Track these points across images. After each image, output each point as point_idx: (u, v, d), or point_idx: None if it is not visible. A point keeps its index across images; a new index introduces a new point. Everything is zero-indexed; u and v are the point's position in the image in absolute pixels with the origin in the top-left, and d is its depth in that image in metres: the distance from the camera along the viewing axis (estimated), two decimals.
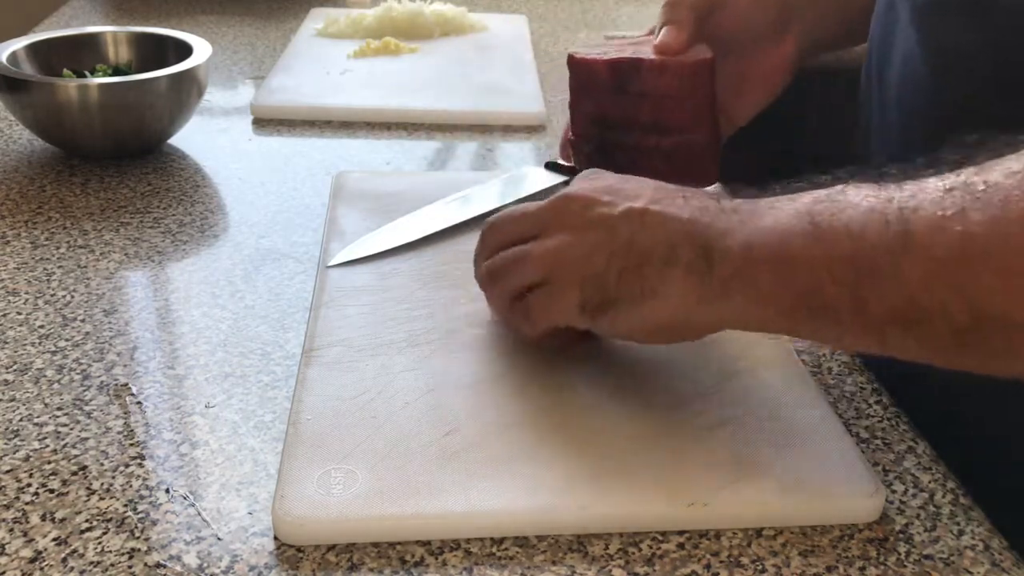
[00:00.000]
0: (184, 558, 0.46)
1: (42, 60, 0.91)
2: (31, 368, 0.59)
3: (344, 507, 0.47)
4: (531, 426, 0.53)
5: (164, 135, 0.90)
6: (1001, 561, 0.48)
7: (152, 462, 0.52)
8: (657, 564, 0.47)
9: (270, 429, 0.55)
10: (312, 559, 0.46)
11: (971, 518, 0.50)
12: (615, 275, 0.51)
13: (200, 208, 0.80)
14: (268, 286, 0.69)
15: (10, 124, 0.95)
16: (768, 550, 0.48)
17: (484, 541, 0.47)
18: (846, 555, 0.48)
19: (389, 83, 1.08)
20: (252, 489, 0.50)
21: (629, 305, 0.51)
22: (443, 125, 1.00)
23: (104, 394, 0.57)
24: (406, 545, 0.47)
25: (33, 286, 0.68)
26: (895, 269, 0.43)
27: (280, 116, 1.00)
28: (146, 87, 0.85)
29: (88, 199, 0.81)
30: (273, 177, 0.86)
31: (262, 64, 1.16)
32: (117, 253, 0.72)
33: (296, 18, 1.35)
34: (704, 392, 0.57)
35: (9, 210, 0.78)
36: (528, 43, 1.27)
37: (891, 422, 0.57)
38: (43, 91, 0.83)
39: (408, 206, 0.77)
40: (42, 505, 0.49)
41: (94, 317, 0.64)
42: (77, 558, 0.46)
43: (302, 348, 0.60)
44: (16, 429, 0.54)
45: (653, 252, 0.50)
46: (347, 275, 0.68)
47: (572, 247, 0.53)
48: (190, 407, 0.56)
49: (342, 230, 0.74)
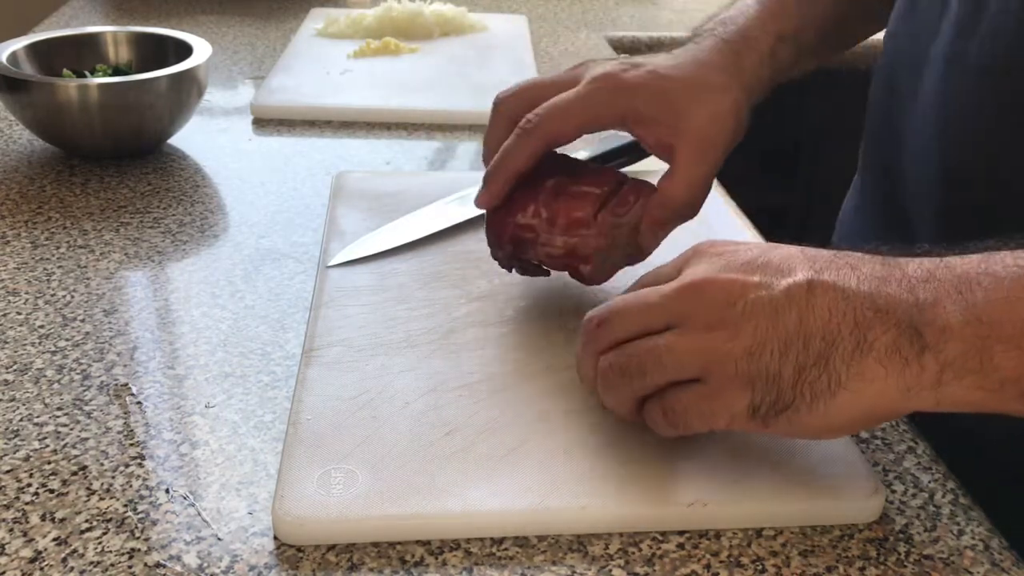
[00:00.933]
0: (184, 558, 0.46)
1: (42, 60, 0.91)
2: (31, 368, 0.59)
3: (344, 507, 0.47)
4: (531, 426, 0.53)
5: (164, 135, 0.90)
6: (1001, 561, 0.48)
7: (152, 462, 0.52)
8: (657, 564, 0.47)
9: (270, 429, 0.55)
10: (312, 559, 0.46)
11: (971, 518, 0.50)
12: (792, 372, 0.44)
13: (200, 208, 0.80)
14: (268, 286, 0.69)
15: (10, 124, 0.95)
16: (768, 550, 0.48)
17: (484, 541, 0.47)
18: (846, 555, 0.48)
19: (389, 83, 1.08)
20: (252, 489, 0.50)
21: (812, 404, 0.44)
22: (443, 125, 1.00)
23: (104, 394, 0.57)
24: (406, 545, 0.47)
25: (33, 286, 0.68)
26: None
27: (280, 116, 1.00)
28: (146, 87, 0.85)
29: (88, 199, 0.81)
30: (273, 177, 0.86)
31: (262, 64, 1.16)
32: (117, 253, 0.73)
33: (296, 18, 1.35)
34: None
35: (9, 210, 0.78)
36: (528, 43, 1.27)
37: (891, 422, 0.57)
38: (43, 91, 0.83)
39: (408, 206, 0.77)
40: (42, 505, 0.49)
41: (94, 317, 0.64)
42: (77, 558, 0.46)
43: (302, 348, 0.60)
44: (16, 429, 0.54)
45: (836, 340, 0.43)
46: (347, 275, 0.68)
47: (729, 341, 0.45)
48: (190, 407, 0.56)
49: (342, 230, 0.74)
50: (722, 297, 0.45)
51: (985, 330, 0.41)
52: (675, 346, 0.46)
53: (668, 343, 0.46)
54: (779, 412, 0.44)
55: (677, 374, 0.46)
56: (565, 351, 0.60)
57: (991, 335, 0.41)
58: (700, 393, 0.46)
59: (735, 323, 0.45)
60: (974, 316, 0.41)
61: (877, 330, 0.43)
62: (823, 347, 0.43)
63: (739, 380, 0.45)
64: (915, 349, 0.42)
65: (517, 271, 0.65)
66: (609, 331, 0.49)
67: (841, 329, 0.43)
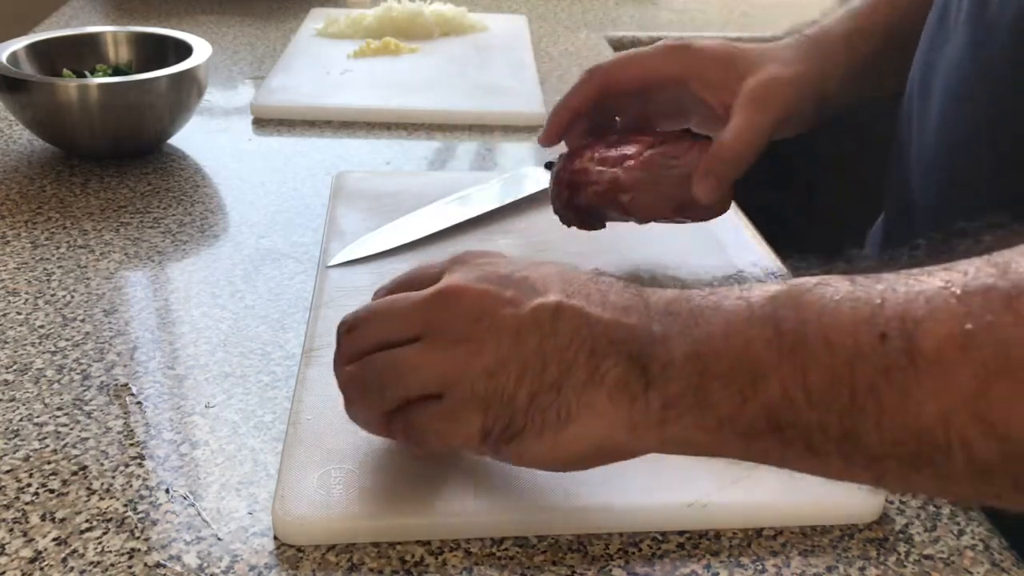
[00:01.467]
0: (184, 558, 0.46)
1: (42, 60, 0.91)
2: (31, 368, 0.59)
3: (344, 507, 0.47)
4: None
5: (164, 135, 0.90)
6: (1001, 561, 0.48)
7: (152, 462, 0.52)
8: (657, 564, 0.47)
9: (270, 429, 0.55)
10: (312, 559, 0.46)
11: (971, 518, 0.50)
12: (526, 397, 0.42)
13: (200, 208, 0.80)
14: (268, 286, 0.69)
15: (10, 124, 0.95)
16: (768, 550, 0.48)
17: (484, 541, 0.47)
18: (846, 555, 0.48)
19: (389, 83, 1.08)
20: (252, 489, 0.50)
21: (541, 434, 0.41)
22: (443, 125, 1.00)
23: (104, 394, 0.57)
24: (406, 545, 0.47)
25: (33, 286, 0.68)
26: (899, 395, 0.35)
27: (280, 116, 1.00)
28: (146, 87, 0.85)
29: (88, 199, 0.81)
30: (273, 177, 0.86)
31: (262, 64, 1.16)
32: (117, 253, 0.72)
33: (296, 18, 1.35)
34: None
35: (9, 210, 0.78)
36: (528, 43, 1.27)
37: None
38: (43, 91, 0.83)
39: (408, 206, 0.77)
40: (42, 505, 0.49)
41: (94, 317, 0.64)
42: (77, 558, 0.46)
43: (302, 348, 0.60)
44: (16, 429, 0.54)
45: (571, 369, 0.41)
46: (347, 275, 0.68)
47: (471, 358, 0.43)
48: (190, 407, 0.56)
49: (342, 230, 0.74)
50: (472, 309, 0.44)
51: (701, 365, 0.39)
52: (417, 361, 0.44)
53: (411, 358, 0.44)
54: (509, 439, 0.42)
55: (419, 390, 0.44)
56: None
57: (707, 371, 0.38)
58: (437, 412, 0.44)
59: (480, 339, 0.43)
60: (694, 351, 0.39)
61: (610, 362, 0.40)
62: (557, 374, 0.41)
63: (475, 401, 0.42)
64: (641, 384, 0.40)
65: (575, 224, 0.68)
66: (356, 339, 0.47)
67: (578, 357, 0.41)
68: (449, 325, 0.44)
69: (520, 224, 0.75)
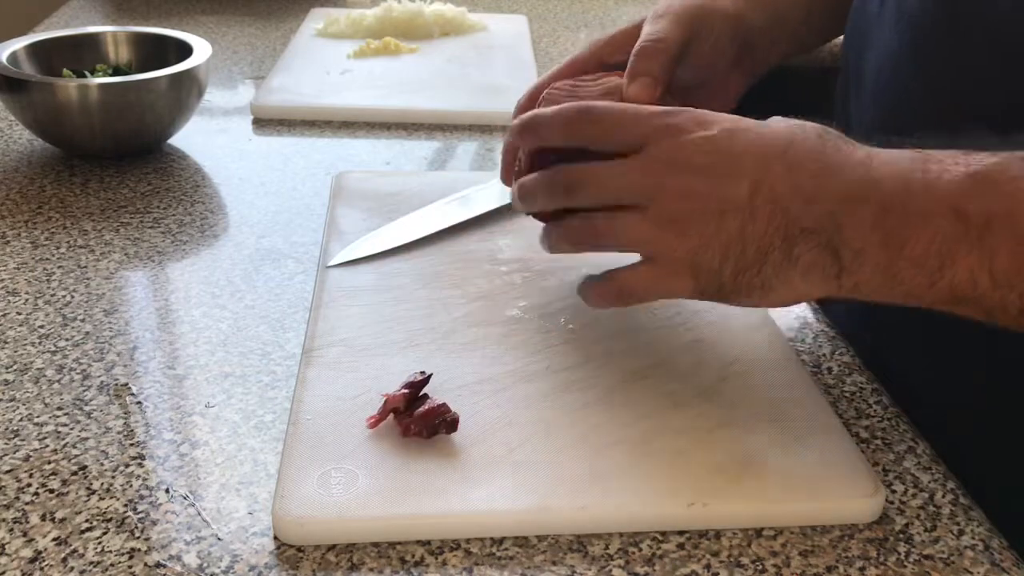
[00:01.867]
0: (184, 558, 0.46)
1: (42, 60, 0.91)
2: (31, 368, 0.59)
3: (344, 507, 0.47)
4: (531, 426, 0.53)
5: (164, 135, 0.90)
6: (1001, 561, 0.48)
7: (152, 462, 0.52)
8: (657, 564, 0.47)
9: (270, 429, 0.55)
10: (312, 559, 0.46)
11: (971, 518, 0.50)
12: (730, 275, 0.50)
13: (200, 208, 0.80)
14: (268, 286, 0.69)
15: (10, 124, 0.95)
16: (768, 550, 0.48)
17: (484, 541, 0.47)
18: (846, 555, 0.48)
19: (389, 83, 1.08)
20: (252, 489, 0.50)
21: (748, 295, 0.50)
22: (443, 125, 1.00)
23: (104, 394, 0.57)
24: (406, 545, 0.47)
25: (33, 286, 0.68)
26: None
27: (280, 116, 1.00)
28: (146, 87, 0.85)
29: (88, 199, 0.81)
30: (273, 177, 0.86)
31: (262, 64, 1.16)
32: (117, 253, 0.73)
33: (296, 18, 1.35)
34: (704, 392, 0.57)
35: (9, 210, 0.78)
36: (528, 43, 1.27)
37: (891, 422, 0.57)
38: (43, 91, 0.83)
39: (408, 206, 0.77)
40: (42, 505, 0.49)
41: (94, 317, 0.64)
42: (77, 558, 0.46)
43: (302, 348, 0.60)
44: (16, 429, 0.54)
45: (769, 250, 0.48)
46: (347, 275, 0.68)
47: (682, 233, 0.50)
48: (190, 407, 0.56)
49: (342, 230, 0.74)
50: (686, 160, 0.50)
51: (893, 252, 0.45)
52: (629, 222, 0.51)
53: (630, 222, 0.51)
54: (720, 298, 0.51)
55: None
56: (565, 351, 0.60)
57: (899, 257, 0.45)
58: (650, 270, 0.52)
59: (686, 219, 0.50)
60: (884, 240, 0.45)
61: (802, 247, 0.47)
62: (757, 256, 0.49)
63: (685, 269, 0.50)
64: (835, 269, 0.47)
65: None
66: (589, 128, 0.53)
67: (774, 241, 0.48)
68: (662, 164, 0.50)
69: (520, 224, 0.75)
